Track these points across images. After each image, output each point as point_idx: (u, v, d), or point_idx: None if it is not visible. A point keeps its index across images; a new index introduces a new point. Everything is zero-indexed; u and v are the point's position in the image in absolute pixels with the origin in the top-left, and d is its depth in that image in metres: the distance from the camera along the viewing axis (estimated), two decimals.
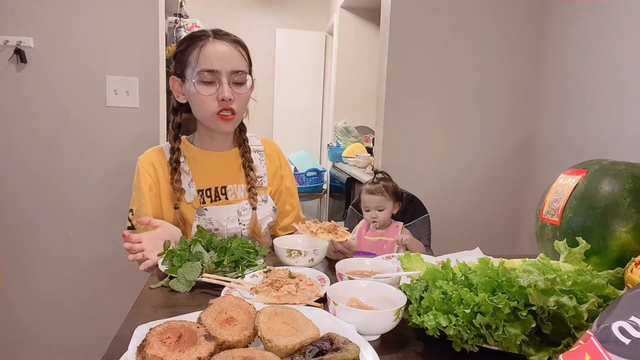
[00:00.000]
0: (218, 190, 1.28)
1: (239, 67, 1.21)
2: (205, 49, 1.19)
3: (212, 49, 1.19)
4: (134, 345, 0.62)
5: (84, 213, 1.92)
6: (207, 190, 1.27)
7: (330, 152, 4.07)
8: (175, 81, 1.26)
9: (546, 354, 0.63)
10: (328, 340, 0.65)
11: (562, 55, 2.08)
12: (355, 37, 4.32)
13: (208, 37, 1.21)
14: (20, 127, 1.86)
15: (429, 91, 2.21)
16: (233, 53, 1.21)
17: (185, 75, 1.23)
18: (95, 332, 1.84)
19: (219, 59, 1.19)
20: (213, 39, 1.21)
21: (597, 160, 1.09)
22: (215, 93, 1.19)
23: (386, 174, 1.84)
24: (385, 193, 1.74)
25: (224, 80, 1.19)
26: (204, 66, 1.18)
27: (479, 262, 0.73)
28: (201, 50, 1.19)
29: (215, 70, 1.18)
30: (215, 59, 1.18)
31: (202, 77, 1.18)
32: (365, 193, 1.76)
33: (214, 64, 1.18)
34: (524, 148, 2.29)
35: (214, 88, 1.19)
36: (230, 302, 0.73)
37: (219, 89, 1.19)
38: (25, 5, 1.80)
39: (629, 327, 0.49)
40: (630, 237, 0.94)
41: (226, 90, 1.18)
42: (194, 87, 1.19)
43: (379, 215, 1.73)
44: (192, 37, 1.23)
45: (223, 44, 1.21)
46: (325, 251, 1.09)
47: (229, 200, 1.29)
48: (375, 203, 1.73)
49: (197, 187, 1.26)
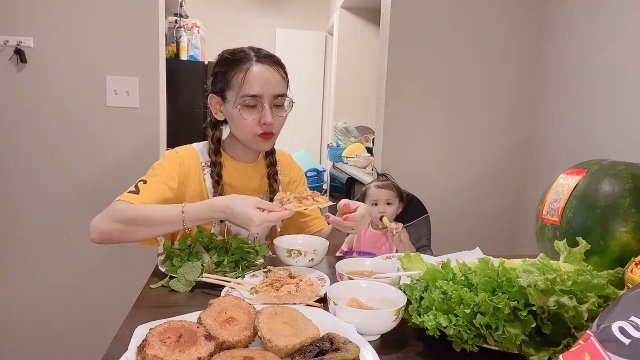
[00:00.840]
0: None
1: (281, 91, 1.22)
2: (250, 74, 1.18)
3: (256, 74, 1.18)
4: (134, 345, 0.62)
5: (84, 213, 1.92)
6: None
7: (330, 152, 4.07)
8: (214, 99, 1.25)
9: (546, 354, 0.63)
10: (328, 340, 0.65)
11: (562, 55, 2.08)
12: (355, 37, 4.32)
13: (251, 60, 1.20)
14: (20, 127, 1.86)
15: (429, 91, 2.21)
16: (276, 78, 1.21)
17: (226, 95, 1.22)
18: (95, 332, 1.84)
19: (263, 84, 1.18)
20: (256, 62, 1.20)
21: (597, 160, 1.09)
22: (258, 117, 1.19)
23: (389, 176, 1.86)
24: (393, 189, 1.76)
25: (267, 106, 1.18)
26: (248, 91, 1.17)
27: (479, 262, 0.73)
28: (246, 75, 1.18)
29: (259, 95, 1.18)
30: (259, 84, 1.18)
31: (245, 101, 1.18)
32: (374, 188, 1.77)
33: (258, 88, 1.18)
34: (524, 148, 2.29)
35: (256, 112, 1.19)
36: (230, 302, 0.73)
37: (262, 114, 1.18)
38: (25, 5, 1.80)
39: (629, 327, 0.49)
40: (630, 237, 0.94)
41: (269, 115, 1.18)
42: (237, 110, 1.19)
43: (387, 210, 1.73)
44: (235, 59, 1.21)
45: (266, 68, 1.20)
46: (325, 251, 1.09)
47: None
48: (384, 196, 1.74)
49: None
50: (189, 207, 1.06)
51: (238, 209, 1.01)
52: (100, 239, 1.07)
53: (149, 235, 1.08)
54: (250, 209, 1.00)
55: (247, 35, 5.03)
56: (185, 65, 3.32)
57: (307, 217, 1.38)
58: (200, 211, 1.06)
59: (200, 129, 1.39)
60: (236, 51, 1.23)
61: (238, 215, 1.01)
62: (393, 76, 2.17)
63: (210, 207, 1.06)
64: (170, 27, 3.33)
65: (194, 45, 3.46)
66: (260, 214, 1.00)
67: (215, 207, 1.05)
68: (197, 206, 1.07)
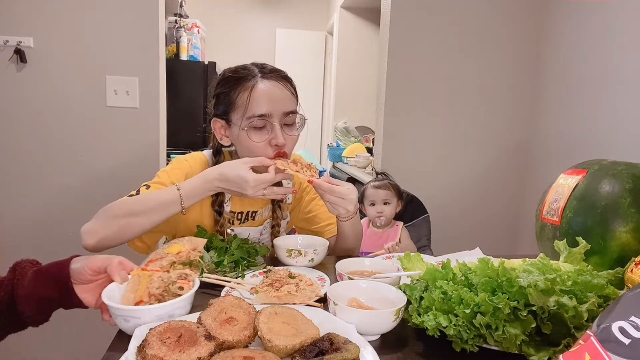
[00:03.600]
0: (249, 214, 1.26)
1: (290, 108, 1.13)
2: (255, 92, 1.09)
3: (262, 92, 1.09)
4: (134, 345, 0.62)
5: (84, 213, 1.92)
6: (239, 213, 1.24)
7: (330, 152, 4.07)
8: (217, 123, 1.16)
9: (546, 354, 0.63)
10: (328, 340, 0.65)
11: (562, 55, 2.08)
12: (355, 37, 4.32)
13: (255, 77, 1.11)
14: (20, 127, 1.86)
15: (429, 91, 2.21)
16: (284, 94, 1.12)
17: (230, 118, 1.13)
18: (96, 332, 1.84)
19: (271, 102, 1.09)
20: (261, 78, 1.11)
21: (597, 160, 1.09)
22: (268, 138, 1.10)
23: (387, 174, 1.86)
24: (391, 189, 1.76)
25: (277, 125, 1.09)
26: (255, 111, 1.08)
27: (479, 262, 0.73)
28: (251, 93, 1.09)
29: (267, 115, 1.09)
30: (266, 102, 1.09)
31: (253, 123, 1.09)
32: (372, 188, 1.77)
33: (265, 107, 1.08)
34: (524, 148, 2.29)
35: (265, 133, 1.10)
36: (230, 302, 0.73)
37: (272, 134, 1.09)
38: (25, 5, 1.80)
39: (629, 327, 0.49)
40: (630, 237, 0.94)
41: (280, 136, 1.09)
42: (244, 133, 1.09)
43: (385, 210, 1.73)
44: (238, 78, 1.12)
45: (272, 84, 1.11)
46: (325, 251, 1.09)
47: (256, 220, 1.27)
48: (381, 197, 1.74)
49: (231, 208, 1.23)
50: (183, 184, 1.04)
51: (231, 173, 1.00)
52: (94, 242, 1.02)
53: (147, 224, 1.03)
54: (243, 171, 1.00)
55: (247, 35, 5.03)
56: (185, 65, 3.32)
57: (322, 223, 1.33)
58: (195, 185, 1.04)
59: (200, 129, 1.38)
60: (239, 69, 1.15)
61: (232, 179, 1.00)
62: (393, 76, 2.17)
63: (203, 179, 1.04)
64: (170, 27, 3.33)
65: (194, 45, 3.46)
66: (254, 175, 0.99)
67: (209, 177, 1.04)
68: (191, 182, 1.05)
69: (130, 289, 0.77)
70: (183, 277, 0.80)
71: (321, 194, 1.09)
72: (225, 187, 1.03)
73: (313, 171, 1.08)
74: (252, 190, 0.99)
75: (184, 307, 0.75)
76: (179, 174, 1.16)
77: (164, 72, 2.02)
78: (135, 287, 0.77)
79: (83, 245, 1.03)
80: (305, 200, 1.35)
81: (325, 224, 1.33)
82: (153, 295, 0.76)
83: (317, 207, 1.34)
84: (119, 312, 0.71)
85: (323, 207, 1.32)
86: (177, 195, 1.02)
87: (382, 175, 1.86)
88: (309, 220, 1.35)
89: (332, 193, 1.06)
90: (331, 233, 1.31)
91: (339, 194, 1.06)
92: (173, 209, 1.03)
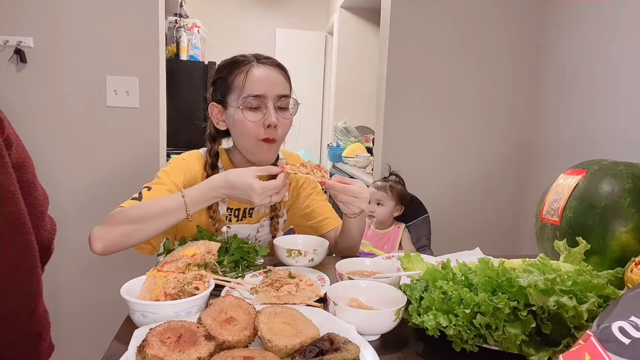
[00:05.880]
0: (246, 211, 1.26)
1: (284, 92, 1.19)
2: (251, 74, 1.15)
3: (258, 74, 1.16)
4: (134, 345, 0.62)
5: (84, 213, 1.92)
6: (236, 209, 1.25)
7: (330, 152, 4.07)
8: (215, 108, 1.22)
9: (546, 354, 0.63)
10: (328, 340, 0.65)
11: (562, 55, 2.08)
12: (355, 37, 4.32)
13: (251, 62, 1.18)
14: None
15: (429, 91, 2.21)
16: (278, 78, 1.19)
17: (227, 101, 1.19)
18: (95, 332, 1.84)
19: (266, 83, 1.16)
20: (257, 63, 1.18)
21: (597, 160, 1.09)
22: (262, 119, 1.15)
23: (399, 177, 1.84)
24: (388, 191, 1.75)
25: (271, 106, 1.15)
26: (250, 91, 1.14)
27: (479, 262, 0.73)
28: (247, 75, 1.15)
29: (262, 95, 1.15)
30: (261, 83, 1.15)
31: (248, 102, 1.15)
32: (373, 186, 1.78)
33: (260, 88, 1.15)
34: (524, 148, 2.29)
35: (260, 114, 1.16)
36: (230, 302, 0.73)
37: (265, 115, 1.15)
38: (25, 5, 1.80)
39: (629, 327, 0.49)
40: (630, 237, 0.94)
41: (273, 115, 1.15)
42: (240, 113, 1.15)
43: (376, 210, 1.73)
44: (235, 63, 1.19)
45: (267, 68, 1.18)
46: (325, 251, 1.09)
47: (253, 217, 1.28)
48: (376, 197, 1.74)
49: (228, 205, 1.24)
50: (188, 191, 1.05)
51: (238, 181, 1.01)
52: (103, 247, 1.04)
53: (153, 230, 1.05)
54: (250, 179, 1.00)
55: (247, 35, 5.03)
56: (185, 65, 3.32)
57: (319, 217, 1.34)
58: (200, 192, 1.05)
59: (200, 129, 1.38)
60: (235, 56, 1.22)
61: (238, 187, 1.01)
62: (393, 76, 2.17)
63: (209, 187, 1.05)
64: (170, 27, 3.33)
65: (194, 45, 3.47)
66: (260, 182, 1.00)
67: (215, 185, 1.05)
68: (197, 188, 1.06)
69: (146, 288, 0.79)
70: (198, 277, 0.82)
71: (334, 195, 1.08)
72: (232, 194, 1.04)
73: (323, 172, 1.09)
74: (259, 198, 1.00)
75: (200, 305, 0.76)
76: (178, 173, 1.19)
77: (164, 72, 2.02)
78: (151, 287, 0.78)
79: (91, 250, 1.06)
80: (302, 197, 1.36)
81: (323, 218, 1.34)
82: (169, 294, 0.77)
83: (314, 202, 1.35)
84: (138, 307, 0.72)
85: (320, 202, 1.35)
86: (182, 202, 1.04)
87: (394, 175, 1.85)
88: (306, 216, 1.35)
89: (346, 193, 1.06)
90: (329, 227, 1.33)
91: (352, 193, 1.06)
92: (179, 216, 1.05)
